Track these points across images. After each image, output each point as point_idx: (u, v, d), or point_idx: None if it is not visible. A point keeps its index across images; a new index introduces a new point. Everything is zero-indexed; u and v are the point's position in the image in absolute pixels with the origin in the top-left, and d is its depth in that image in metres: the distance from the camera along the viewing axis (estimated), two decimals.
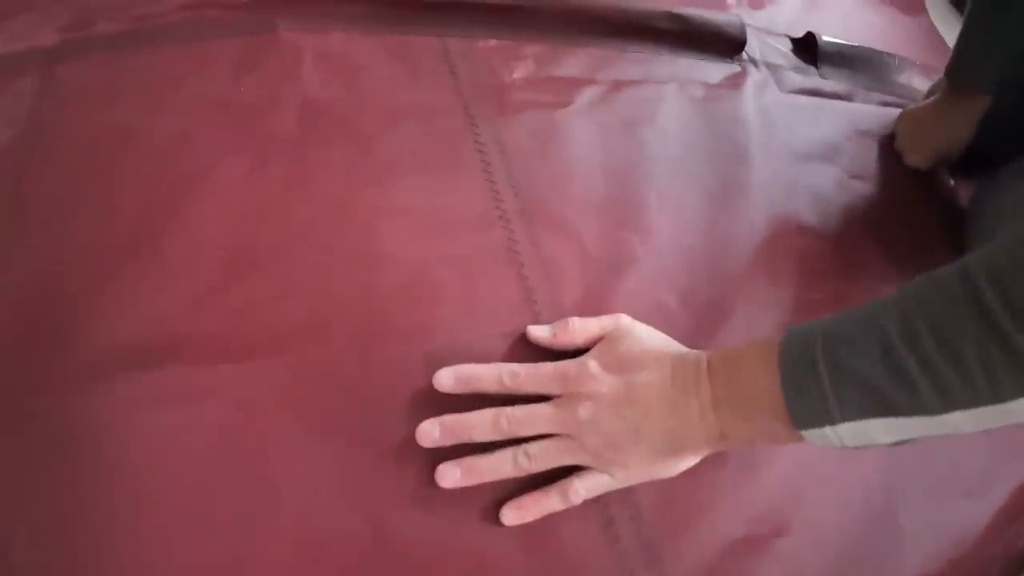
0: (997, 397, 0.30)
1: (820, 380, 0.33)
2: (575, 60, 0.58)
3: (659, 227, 0.50)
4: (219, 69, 0.49)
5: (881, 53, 0.75)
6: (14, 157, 0.43)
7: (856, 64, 0.72)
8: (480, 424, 0.38)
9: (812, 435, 0.35)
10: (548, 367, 0.39)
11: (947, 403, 0.31)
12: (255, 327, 0.40)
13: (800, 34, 0.72)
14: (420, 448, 0.37)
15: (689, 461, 0.39)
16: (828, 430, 0.34)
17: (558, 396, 0.39)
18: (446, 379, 0.39)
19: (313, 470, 0.37)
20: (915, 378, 0.31)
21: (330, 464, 0.37)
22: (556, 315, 0.43)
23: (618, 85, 0.58)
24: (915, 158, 0.65)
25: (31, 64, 0.48)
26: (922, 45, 0.92)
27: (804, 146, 0.61)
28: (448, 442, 0.38)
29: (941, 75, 0.66)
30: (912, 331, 0.32)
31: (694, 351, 0.40)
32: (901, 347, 0.32)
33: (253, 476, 0.36)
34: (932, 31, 0.97)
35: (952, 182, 0.68)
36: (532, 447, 0.38)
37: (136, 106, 0.47)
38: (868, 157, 0.64)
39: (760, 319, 0.49)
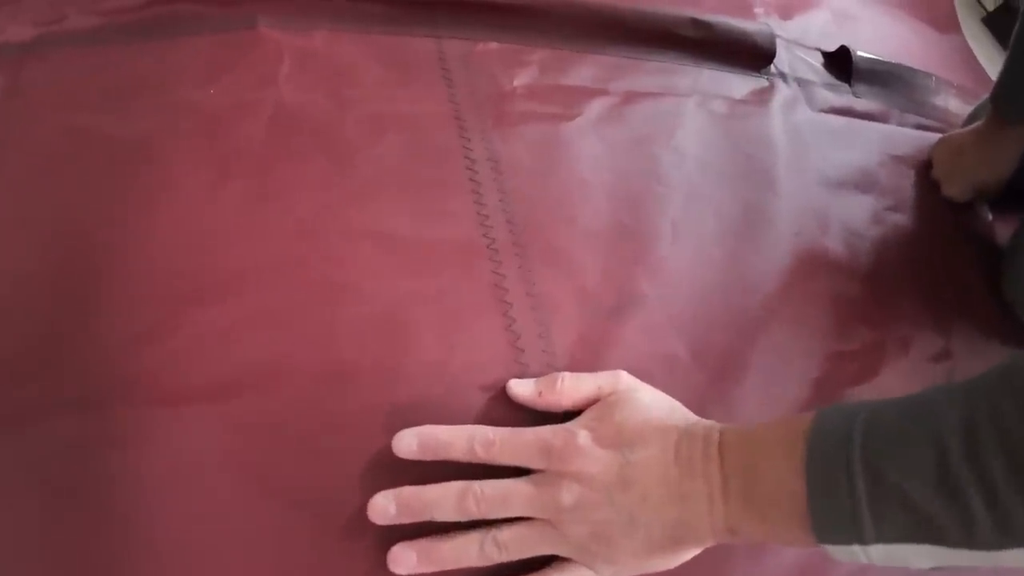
0: None
1: (855, 490, 0.25)
2: (585, 68, 0.48)
3: (671, 262, 0.41)
4: (190, 69, 0.41)
5: (917, 72, 0.65)
6: None
7: (891, 83, 0.62)
8: (443, 501, 0.29)
9: (837, 551, 0.26)
10: (529, 435, 0.30)
11: (1007, 539, 0.23)
12: (197, 367, 0.32)
13: (831, 47, 0.62)
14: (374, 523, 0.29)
15: (689, 554, 0.30)
16: (856, 548, 0.26)
17: (539, 471, 0.30)
18: (407, 444, 0.30)
19: (252, 542, 0.30)
20: (973, 506, 0.23)
21: (271, 536, 0.30)
22: (545, 367, 0.34)
23: (632, 97, 0.48)
24: (953, 190, 0.56)
25: (2, 61, 0.40)
26: (956, 64, 0.81)
27: (836, 172, 0.51)
28: (405, 520, 0.30)
29: (979, 99, 0.56)
30: (976, 444, 0.24)
31: (704, 422, 0.31)
32: (960, 463, 0.24)
33: (184, 543, 0.29)
34: (966, 50, 0.86)
35: (990, 217, 0.58)
36: (503, 534, 0.29)
37: (98, 110, 0.39)
38: (904, 186, 0.54)
39: (783, 373, 0.39)
